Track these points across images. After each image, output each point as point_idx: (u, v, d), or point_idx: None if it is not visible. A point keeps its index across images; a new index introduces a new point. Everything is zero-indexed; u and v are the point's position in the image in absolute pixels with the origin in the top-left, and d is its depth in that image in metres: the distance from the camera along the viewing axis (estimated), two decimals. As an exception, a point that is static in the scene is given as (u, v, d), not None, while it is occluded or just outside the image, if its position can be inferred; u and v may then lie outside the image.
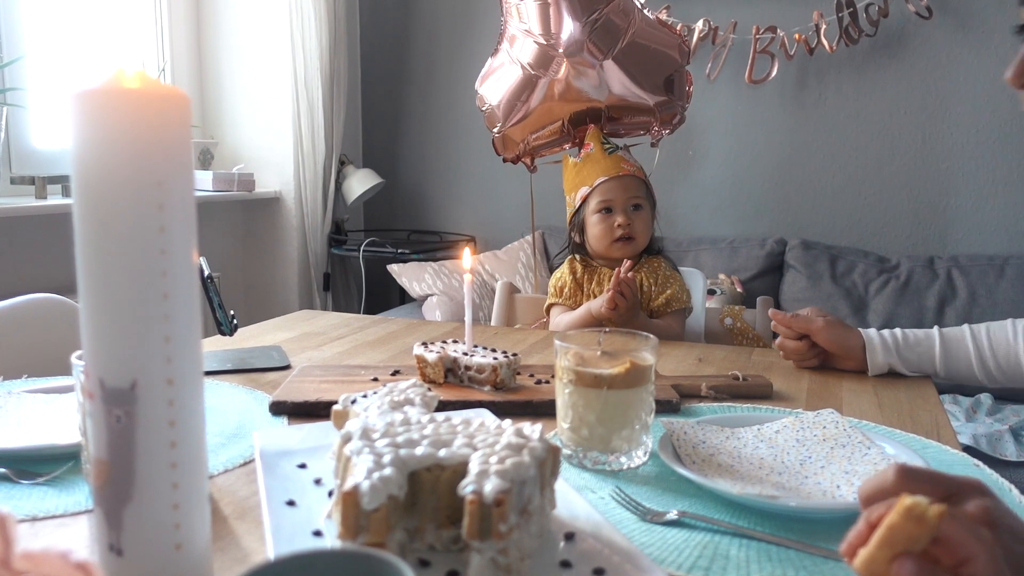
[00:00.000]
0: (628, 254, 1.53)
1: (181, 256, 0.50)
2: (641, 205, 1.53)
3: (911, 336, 1.14)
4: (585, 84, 1.57)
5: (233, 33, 3.09)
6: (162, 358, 0.50)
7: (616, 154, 1.56)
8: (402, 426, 0.64)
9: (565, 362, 0.79)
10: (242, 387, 1.04)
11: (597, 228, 1.53)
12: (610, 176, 1.52)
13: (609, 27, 1.53)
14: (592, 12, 1.49)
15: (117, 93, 0.48)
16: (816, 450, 0.79)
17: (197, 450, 0.53)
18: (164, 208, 0.49)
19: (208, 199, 2.84)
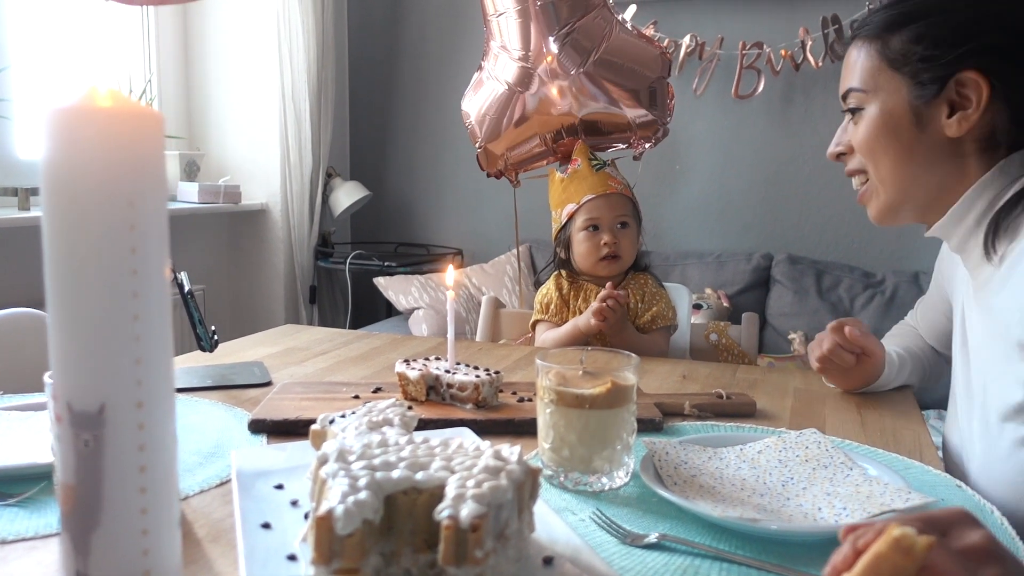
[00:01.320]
0: (614, 272, 1.53)
1: (153, 277, 0.49)
2: (627, 223, 1.52)
3: None
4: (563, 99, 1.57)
5: (220, 45, 3.08)
6: (132, 381, 0.49)
7: (604, 171, 1.55)
8: (379, 448, 0.64)
9: (546, 382, 0.78)
10: (222, 404, 1.03)
11: (583, 246, 1.53)
12: (597, 194, 1.52)
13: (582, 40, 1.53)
14: (563, 26, 1.50)
15: (89, 111, 0.48)
16: (798, 471, 0.79)
17: (167, 475, 0.52)
18: (136, 228, 0.48)
19: (194, 211, 2.83)
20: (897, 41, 0.93)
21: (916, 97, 0.92)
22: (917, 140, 0.93)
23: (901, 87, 0.93)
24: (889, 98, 0.94)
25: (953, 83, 0.89)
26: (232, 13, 3.05)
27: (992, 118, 0.89)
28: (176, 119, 3.08)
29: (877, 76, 0.95)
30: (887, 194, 0.98)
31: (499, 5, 1.58)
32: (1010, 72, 0.88)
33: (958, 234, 0.95)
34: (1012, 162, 0.90)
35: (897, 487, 0.72)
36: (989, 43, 0.88)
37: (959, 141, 0.91)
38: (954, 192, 0.93)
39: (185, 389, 1.08)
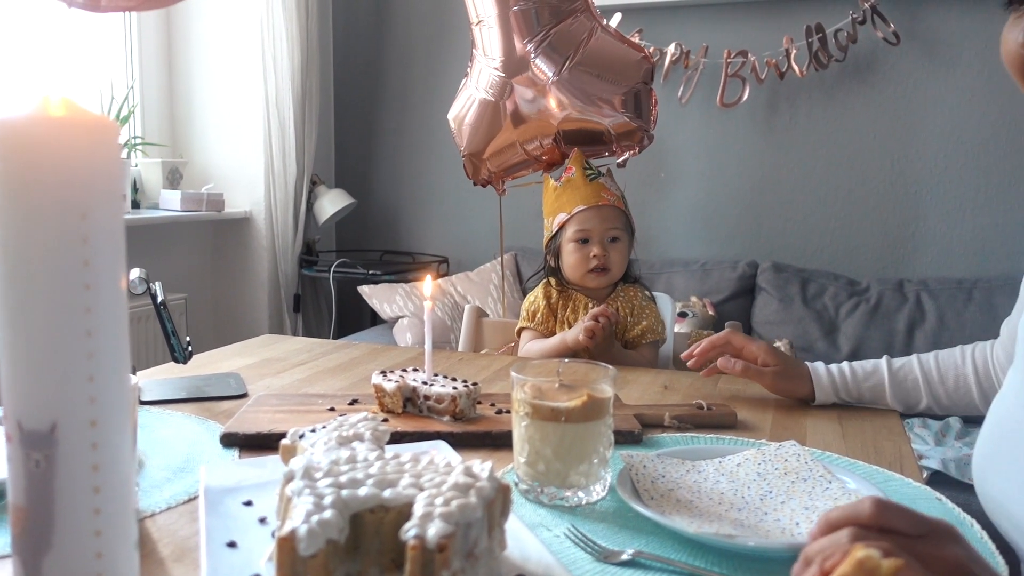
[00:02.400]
0: (602, 285, 1.52)
1: (107, 291, 0.48)
2: (618, 237, 1.51)
3: (859, 370, 1.12)
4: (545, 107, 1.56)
5: (204, 52, 3.07)
6: (85, 399, 0.47)
7: (598, 181, 1.53)
8: (347, 464, 0.62)
9: (521, 394, 0.77)
10: (195, 417, 1.01)
11: (573, 257, 1.51)
12: (589, 205, 1.50)
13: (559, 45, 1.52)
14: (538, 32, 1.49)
15: (40, 121, 0.46)
16: (777, 484, 0.78)
17: (123, 495, 0.50)
18: (88, 241, 0.47)
19: (176, 219, 2.80)
20: None
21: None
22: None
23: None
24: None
25: None
26: (216, 20, 3.03)
27: None
28: (159, 126, 3.06)
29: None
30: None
31: (480, 13, 1.58)
32: None
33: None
34: None
35: (876, 501, 0.71)
36: None
37: None
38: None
39: (158, 401, 1.06)
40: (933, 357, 1.11)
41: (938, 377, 1.09)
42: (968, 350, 1.10)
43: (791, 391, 1.12)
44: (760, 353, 1.13)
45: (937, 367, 1.10)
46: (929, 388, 1.09)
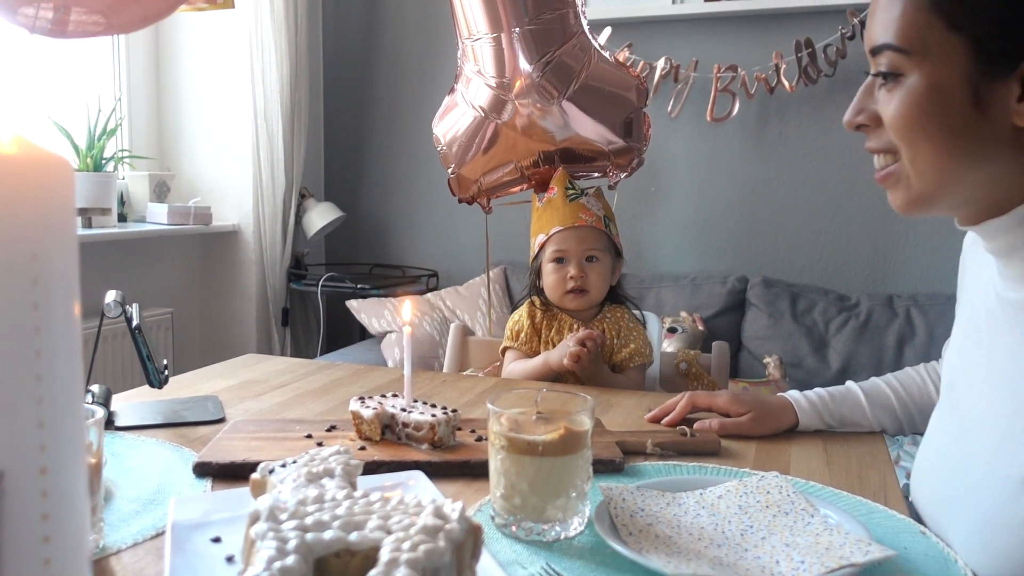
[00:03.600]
0: (581, 307, 1.50)
1: (59, 334, 0.46)
2: (597, 257, 1.49)
3: (835, 393, 1.11)
4: (539, 127, 1.55)
5: (192, 64, 3.05)
6: (34, 446, 0.45)
7: (578, 202, 1.51)
8: (314, 504, 0.61)
9: (497, 427, 0.75)
10: (169, 444, 0.99)
11: (551, 278, 1.50)
12: (565, 226, 1.49)
13: (562, 69, 1.51)
14: (544, 54, 1.47)
15: (-11, 159, 0.45)
16: (758, 518, 0.76)
17: (76, 543, 0.48)
18: (39, 283, 0.45)
19: (163, 232, 2.79)
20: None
21: (980, 70, 0.71)
22: (971, 124, 0.73)
23: (957, 52, 0.72)
24: (942, 67, 0.73)
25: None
26: (204, 33, 3.02)
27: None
28: (147, 140, 3.04)
29: (927, 34, 0.73)
30: (921, 185, 0.78)
31: (474, 29, 1.56)
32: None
33: (1012, 238, 0.76)
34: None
35: (857, 538, 0.69)
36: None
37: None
38: (1009, 190, 0.75)
39: (131, 427, 1.05)
40: (893, 377, 1.12)
41: (906, 394, 1.10)
42: (922, 370, 1.13)
43: (776, 428, 1.09)
44: (727, 405, 1.10)
45: (902, 386, 1.11)
46: (902, 405, 1.10)
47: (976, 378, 0.84)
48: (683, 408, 1.13)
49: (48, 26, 0.73)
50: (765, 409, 1.09)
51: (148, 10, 0.76)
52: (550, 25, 1.42)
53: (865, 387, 1.12)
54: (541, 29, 1.42)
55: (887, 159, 0.81)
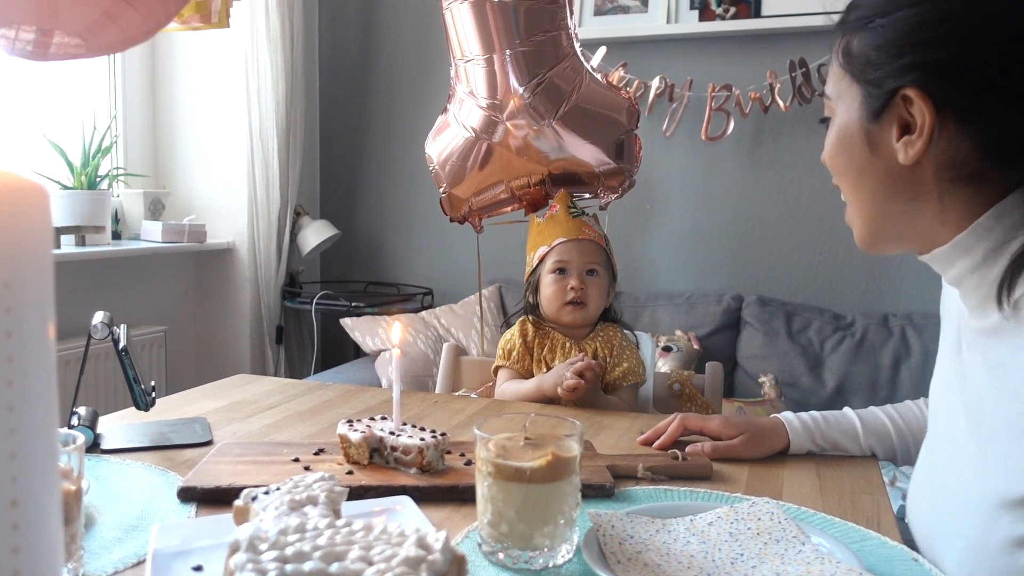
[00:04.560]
0: (578, 321, 1.50)
1: (32, 362, 0.45)
2: (597, 271, 1.50)
3: (830, 417, 1.11)
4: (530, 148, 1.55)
5: (188, 82, 3.06)
6: (6, 478, 0.44)
7: (581, 218, 1.54)
8: (295, 533, 0.59)
9: (484, 453, 0.74)
10: (155, 467, 0.98)
11: (550, 289, 1.50)
12: (569, 238, 1.50)
13: (552, 90, 1.51)
14: (535, 75, 1.48)
15: (-37, 186, 0.44)
16: (749, 546, 0.75)
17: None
18: (12, 311, 0.44)
19: (157, 250, 2.78)
20: (858, 41, 0.79)
21: (868, 114, 0.78)
22: (871, 163, 0.80)
23: (856, 98, 0.80)
24: (845, 110, 0.81)
25: (900, 99, 0.75)
26: (200, 51, 3.03)
27: (950, 145, 0.74)
28: (142, 157, 3.04)
29: (840, 83, 0.82)
30: (859, 223, 0.86)
31: (467, 50, 1.57)
32: (959, 95, 0.73)
33: (958, 268, 0.79)
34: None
35: (848, 567, 0.68)
36: (929, 58, 0.73)
37: (918, 168, 0.76)
38: (937, 223, 0.78)
39: (117, 450, 1.03)
40: (892, 408, 1.12)
41: (904, 425, 1.10)
42: (921, 402, 1.12)
43: (768, 450, 1.09)
44: (719, 428, 1.10)
45: (900, 416, 1.11)
46: (899, 435, 1.09)
47: (954, 406, 0.85)
48: (675, 430, 1.12)
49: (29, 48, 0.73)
50: (757, 431, 1.08)
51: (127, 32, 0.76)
52: (542, 47, 1.42)
53: (862, 414, 1.11)
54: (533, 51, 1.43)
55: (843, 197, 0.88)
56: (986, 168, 0.74)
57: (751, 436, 1.08)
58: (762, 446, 1.08)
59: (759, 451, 1.08)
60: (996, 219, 0.75)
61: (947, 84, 0.73)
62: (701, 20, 2.89)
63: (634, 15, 3.00)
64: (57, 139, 2.56)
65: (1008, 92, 0.72)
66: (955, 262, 0.79)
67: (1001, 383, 0.76)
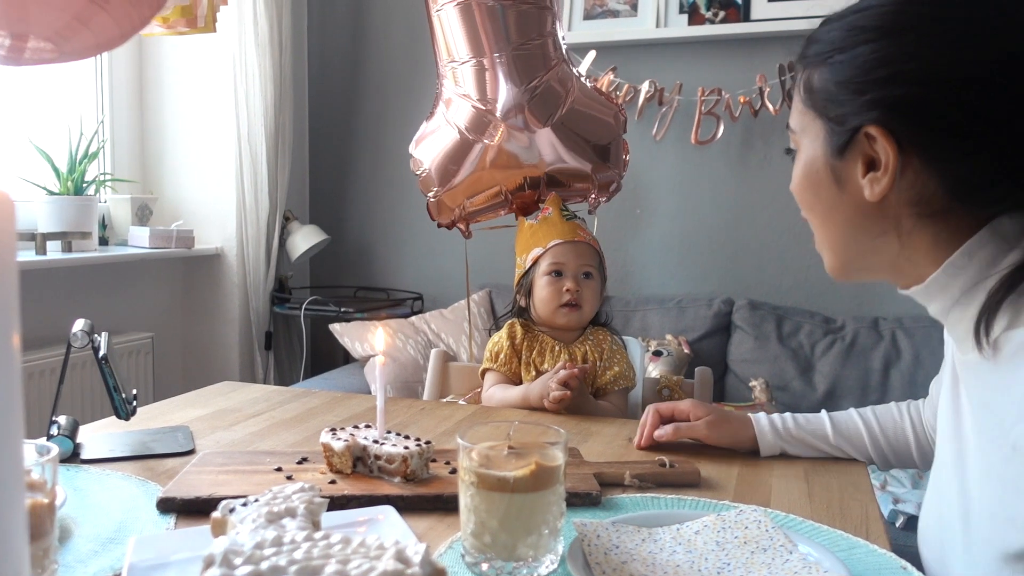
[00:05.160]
0: (572, 323, 1.49)
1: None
2: (591, 274, 1.50)
3: (801, 419, 1.11)
4: (522, 150, 1.54)
5: (175, 87, 3.04)
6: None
7: (574, 221, 1.54)
8: (272, 547, 0.58)
9: (467, 462, 0.73)
10: (135, 477, 0.96)
11: (545, 291, 1.49)
12: (565, 240, 1.50)
13: (549, 95, 1.51)
14: (532, 79, 1.47)
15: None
16: (736, 555, 0.74)
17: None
18: (-27, 323, 0.43)
19: (145, 256, 2.76)
20: (819, 76, 0.77)
21: (832, 150, 0.77)
22: (838, 199, 0.78)
23: (820, 134, 0.78)
24: (810, 145, 0.80)
25: (863, 136, 0.74)
26: (188, 57, 3.01)
27: (916, 183, 0.73)
28: (129, 162, 3.02)
29: (803, 118, 0.81)
30: (827, 255, 0.84)
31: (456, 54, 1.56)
32: (921, 134, 0.72)
33: (937, 304, 0.77)
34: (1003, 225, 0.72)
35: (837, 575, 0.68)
36: (889, 95, 0.72)
37: (885, 204, 0.75)
38: (909, 259, 0.77)
39: (97, 460, 1.02)
40: (871, 411, 1.12)
41: (879, 430, 1.09)
42: (903, 407, 1.11)
43: (731, 436, 1.10)
44: (688, 407, 1.12)
45: (877, 420, 1.10)
46: (872, 440, 1.09)
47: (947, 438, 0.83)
48: (652, 424, 1.13)
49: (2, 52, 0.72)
50: (722, 415, 1.11)
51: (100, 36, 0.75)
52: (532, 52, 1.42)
53: (836, 417, 1.11)
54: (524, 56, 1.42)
55: None
56: (954, 204, 0.73)
57: (716, 419, 1.10)
58: (725, 431, 1.10)
59: (721, 434, 1.10)
60: (968, 256, 0.73)
61: (909, 122, 0.72)
62: (690, 24, 2.89)
63: (624, 19, 2.99)
64: (43, 145, 2.54)
65: (970, 131, 0.71)
66: (933, 299, 0.77)
67: (985, 424, 0.74)
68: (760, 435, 1.10)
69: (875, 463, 1.10)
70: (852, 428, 1.10)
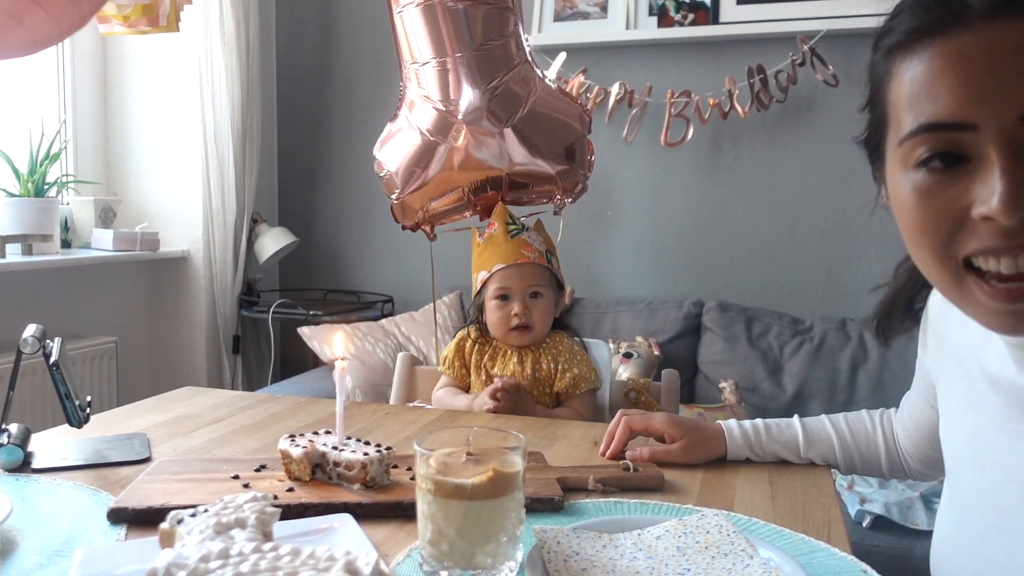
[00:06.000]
0: (525, 343, 1.49)
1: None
2: (540, 293, 1.48)
3: (773, 427, 1.10)
4: (484, 152, 1.53)
5: (140, 87, 2.99)
6: None
7: (520, 237, 1.50)
8: (217, 560, 0.56)
9: (424, 469, 0.72)
10: (87, 487, 0.94)
11: (494, 315, 1.49)
12: (507, 264, 1.47)
13: (509, 96, 1.49)
14: (492, 80, 1.46)
15: None
16: (696, 560, 0.73)
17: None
18: None
19: (108, 259, 2.71)
20: None
21: None
22: None
23: None
24: None
25: None
26: (153, 55, 2.97)
27: None
28: (93, 164, 2.97)
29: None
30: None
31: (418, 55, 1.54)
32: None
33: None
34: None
35: (796, 581, 0.67)
36: None
37: None
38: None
39: (48, 469, 0.99)
40: (843, 419, 1.11)
41: (851, 439, 1.09)
42: (876, 416, 1.11)
43: (707, 456, 1.08)
44: (663, 427, 1.10)
45: (848, 429, 1.10)
46: (844, 450, 1.09)
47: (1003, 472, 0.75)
48: (622, 435, 1.11)
49: (-61, 50, 0.70)
50: (698, 436, 1.09)
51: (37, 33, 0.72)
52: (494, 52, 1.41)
53: (808, 424, 1.10)
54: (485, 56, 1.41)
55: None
56: None
57: (690, 442, 1.08)
58: (700, 452, 1.08)
59: (698, 457, 1.08)
60: None
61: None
62: (660, 26, 2.90)
63: (594, 21, 2.99)
64: (3, 145, 2.49)
65: None
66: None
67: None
68: (732, 448, 1.09)
69: (840, 470, 1.10)
70: (824, 438, 1.09)
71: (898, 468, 1.08)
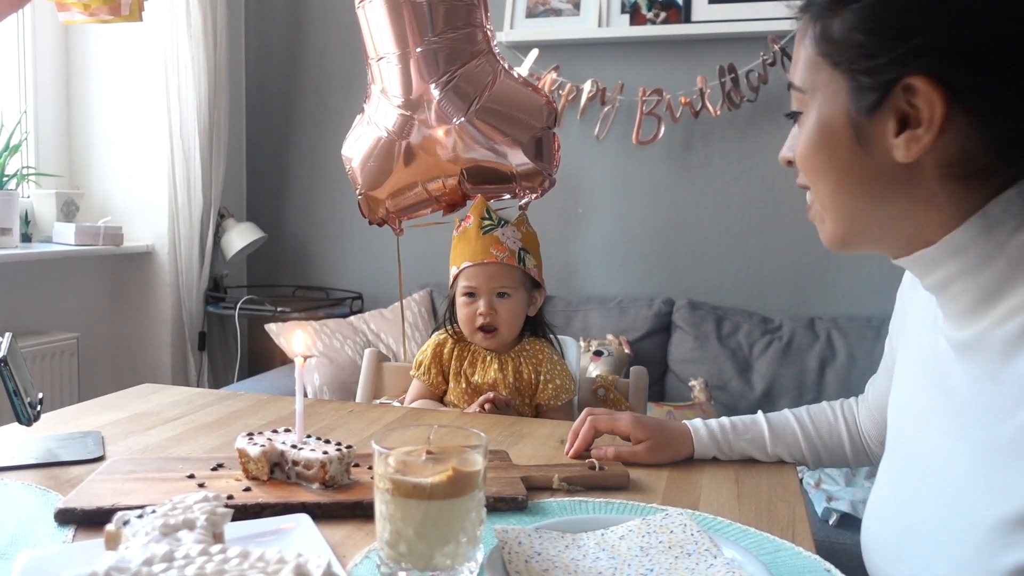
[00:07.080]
0: (491, 346, 1.47)
1: None
2: (508, 294, 1.45)
3: (739, 424, 1.09)
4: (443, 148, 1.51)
5: (104, 78, 2.93)
6: None
7: (492, 235, 1.45)
8: (162, 563, 0.54)
9: (383, 468, 0.70)
10: (35, 487, 0.91)
11: (462, 312, 1.47)
12: (474, 262, 1.44)
13: (463, 88, 1.48)
14: (445, 72, 1.44)
15: None
16: (660, 560, 0.72)
17: None
18: None
19: (69, 253, 2.65)
20: (838, 25, 0.69)
21: (857, 107, 0.69)
22: (859, 162, 0.70)
23: (840, 90, 0.70)
24: (827, 105, 0.71)
25: (900, 90, 0.66)
26: (117, 45, 2.91)
27: (958, 140, 0.66)
28: (55, 156, 2.90)
29: (816, 74, 0.72)
30: (831, 222, 0.76)
31: (380, 49, 1.52)
32: (977, 83, 0.64)
33: (943, 271, 0.71)
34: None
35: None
36: (943, 40, 0.64)
37: (915, 167, 0.68)
38: (924, 225, 0.70)
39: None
40: (806, 412, 1.12)
41: (814, 431, 1.09)
42: (837, 406, 1.11)
43: (672, 457, 1.07)
44: (628, 428, 1.08)
45: (812, 421, 1.10)
46: (808, 442, 1.09)
47: (931, 425, 0.76)
48: (586, 435, 1.10)
49: None
50: (663, 437, 1.08)
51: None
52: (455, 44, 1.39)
53: (773, 420, 1.10)
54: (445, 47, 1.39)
55: (810, 196, 0.78)
56: (995, 164, 0.66)
57: (656, 442, 1.07)
58: (666, 453, 1.07)
59: (663, 458, 1.07)
60: (993, 217, 0.67)
61: (963, 70, 0.64)
62: (632, 24, 2.89)
63: (566, 18, 2.98)
64: (-41, 136, 2.43)
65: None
66: (942, 264, 0.71)
67: (996, 397, 0.67)
68: (699, 448, 1.08)
69: (807, 464, 1.10)
70: (789, 432, 1.09)
71: (862, 455, 1.09)
